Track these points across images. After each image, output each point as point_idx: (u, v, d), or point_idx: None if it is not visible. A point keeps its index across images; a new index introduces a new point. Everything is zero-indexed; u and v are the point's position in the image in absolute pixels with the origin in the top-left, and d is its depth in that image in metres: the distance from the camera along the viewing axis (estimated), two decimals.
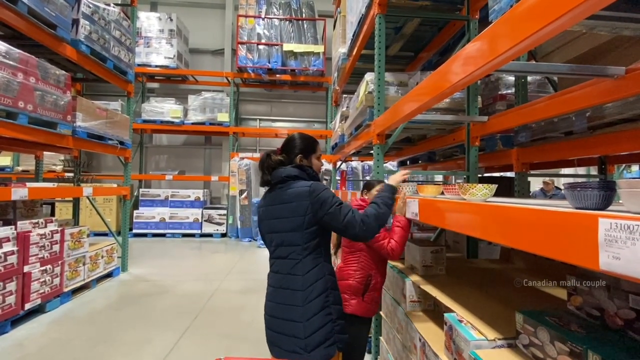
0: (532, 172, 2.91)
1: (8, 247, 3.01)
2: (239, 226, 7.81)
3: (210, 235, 8.10)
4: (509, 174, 4.01)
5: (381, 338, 2.19)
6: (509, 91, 2.57)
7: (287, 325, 1.35)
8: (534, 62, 2.10)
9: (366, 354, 2.64)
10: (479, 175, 2.59)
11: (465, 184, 1.28)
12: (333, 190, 5.14)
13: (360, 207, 2.17)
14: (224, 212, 8.17)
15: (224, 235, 8.16)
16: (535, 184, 7.59)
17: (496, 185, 1.23)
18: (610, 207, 0.79)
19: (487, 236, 1.00)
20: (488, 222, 0.98)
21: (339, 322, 1.40)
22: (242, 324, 3.19)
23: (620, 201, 0.81)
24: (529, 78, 2.50)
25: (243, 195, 7.75)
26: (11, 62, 2.74)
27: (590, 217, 0.62)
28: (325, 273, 1.40)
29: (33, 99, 2.97)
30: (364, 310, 1.77)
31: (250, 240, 7.74)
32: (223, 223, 8.14)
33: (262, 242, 6.72)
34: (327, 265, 1.43)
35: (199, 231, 8.05)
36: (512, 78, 2.56)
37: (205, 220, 8.10)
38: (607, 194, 0.76)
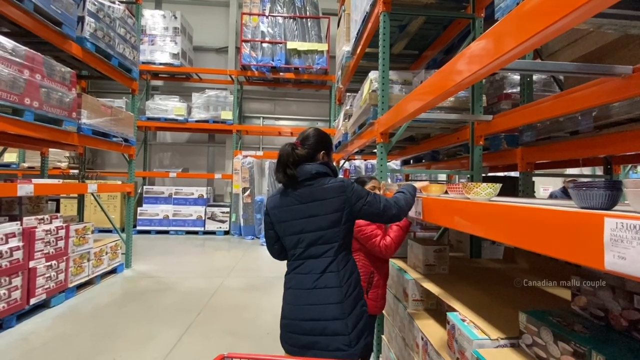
0: (537, 172, 2.90)
1: (14, 242, 3.04)
2: (241, 224, 7.83)
3: (213, 232, 8.13)
4: (513, 174, 3.98)
5: (383, 336, 2.19)
6: (514, 90, 2.56)
7: (328, 325, 1.31)
8: (540, 60, 2.08)
9: None
10: (483, 175, 2.57)
11: (469, 182, 1.28)
12: None
13: None
14: (227, 209, 8.19)
15: (226, 232, 8.18)
16: (540, 184, 7.54)
17: (500, 184, 1.22)
18: (616, 207, 0.79)
19: (491, 235, 0.99)
20: (492, 222, 0.97)
21: (367, 314, 1.47)
22: (244, 321, 3.21)
23: (627, 201, 0.80)
24: (535, 77, 2.48)
25: (246, 193, 7.77)
26: (18, 59, 2.76)
27: (596, 216, 0.62)
28: (354, 268, 1.46)
29: (39, 96, 2.99)
30: (370, 308, 1.78)
31: (253, 238, 7.76)
32: (226, 221, 8.16)
33: (265, 240, 6.76)
34: (354, 260, 1.49)
35: (202, 229, 8.08)
36: (517, 77, 2.54)
37: (208, 218, 8.13)
38: (613, 194, 0.75)
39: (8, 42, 2.70)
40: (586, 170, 6.09)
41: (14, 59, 2.74)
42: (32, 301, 3.17)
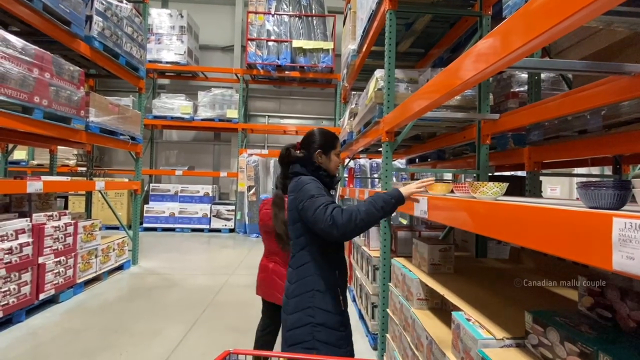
0: (544, 171, 2.87)
1: (23, 238, 3.09)
2: (247, 222, 7.87)
3: (218, 230, 8.18)
4: (520, 173, 3.95)
5: (387, 335, 2.19)
6: (522, 89, 2.53)
7: (282, 315, 1.43)
8: (548, 59, 2.06)
9: (372, 350, 2.65)
10: (490, 174, 2.55)
11: (475, 182, 1.27)
12: (340, 188, 5.11)
13: None
14: (233, 207, 8.24)
15: (232, 230, 8.23)
16: (547, 184, 7.46)
17: (507, 184, 1.21)
18: (625, 207, 0.78)
19: (497, 235, 0.99)
20: (498, 221, 0.97)
21: (321, 329, 1.31)
22: (249, 317, 3.22)
23: (636, 201, 0.79)
24: (543, 75, 2.45)
25: (251, 192, 7.80)
26: (27, 58, 2.80)
27: (604, 216, 0.61)
28: (313, 272, 1.36)
29: (48, 94, 3.03)
30: None
31: (258, 236, 7.79)
32: (231, 218, 8.21)
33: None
34: (317, 265, 1.37)
35: (208, 226, 8.13)
36: (525, 75, 2.52)
37: (213, 216, 8.18)
38: (621, 194, 0.74)
39: (18, 41, 2.74)
40: (595, 170, 6.01)
41: (24, 58, 2.77)
42: (41, 296, 3.22)
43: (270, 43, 7.96)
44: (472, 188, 1.25)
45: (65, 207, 6.71)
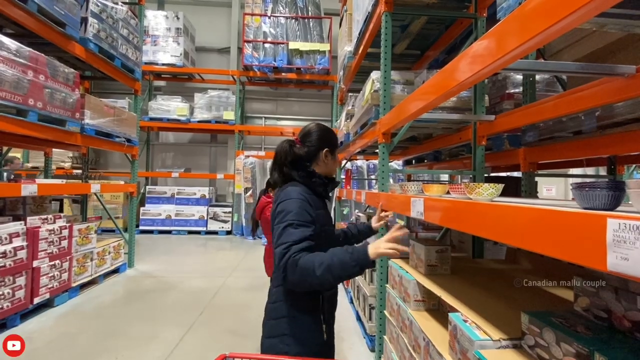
0: (540, 172, 2.89)
1: (18, 242, 3.06)
2: (243, 224, 7.85)
3: (215, 232, 8.15)
4: (515, 174, 3.97)
5: (385, 337, 2.19)
6: (517, 90, 2.55)
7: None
8: (543, 60, 2.07)
9: (370, 352, 2.65)
10: (485, 175, 2.56)
11: (471, 183, 1.27)
12: (337, 190, 5.10)
13: (268, 203, 2.40)
14: (229, 209, 8.21)
15: (229, 232, 8.20)
16: (543, 184, 7.51)
17: (503, 185, 1.22)
18: (619, 208, 0.78)
19: (493, 236, 0.99)
20: (494, 222, 0.97)
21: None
22: (246, 320, 3.21)
23: (630, 202, 0.80)
24: (537, 77, 2.47)
25: (248, 194, 7.78)
26: (21, 60, 2.78)
27: (599, 217, 0.61)
28: (285, 297, 1.33)
29: (43, 96, 3.01)
30: None
31: (255, 238, 7.77)
32: (228, 221, 8.18)
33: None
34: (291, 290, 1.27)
35: (205, 228, 8.10)
36: (520, 77, 2.53)
37: (210, 218, 8.15)
38: (616, 194, 0.75)
39: (12, 43, 2.72)
40: (590, 171, 6.06)
41: (18, 60, 2.75)
42: (36, 300, 3.19)
43: (266, 45, 7.96)
44: (467, 189, 1.25)
45: (61, 210, 6.65)
